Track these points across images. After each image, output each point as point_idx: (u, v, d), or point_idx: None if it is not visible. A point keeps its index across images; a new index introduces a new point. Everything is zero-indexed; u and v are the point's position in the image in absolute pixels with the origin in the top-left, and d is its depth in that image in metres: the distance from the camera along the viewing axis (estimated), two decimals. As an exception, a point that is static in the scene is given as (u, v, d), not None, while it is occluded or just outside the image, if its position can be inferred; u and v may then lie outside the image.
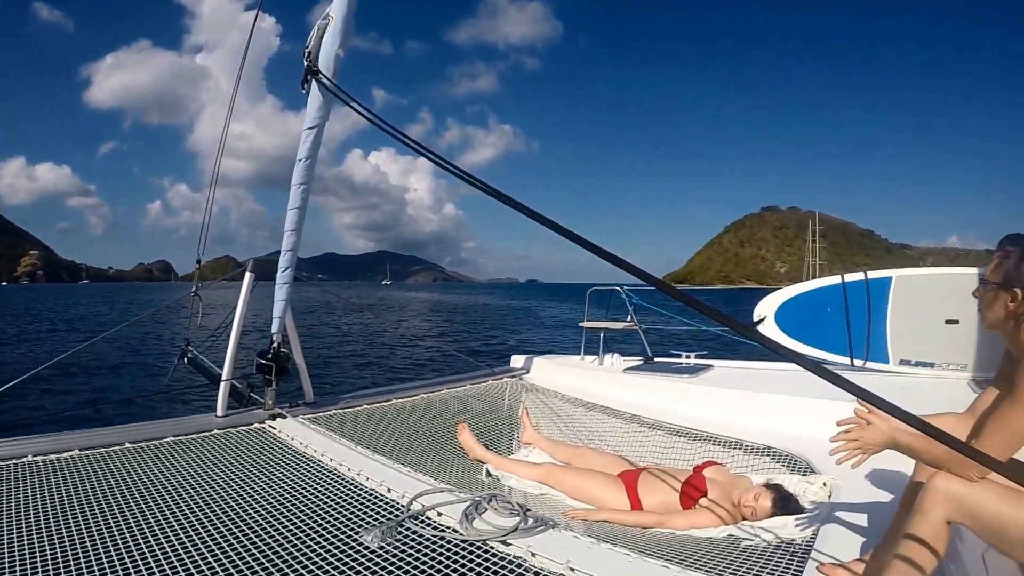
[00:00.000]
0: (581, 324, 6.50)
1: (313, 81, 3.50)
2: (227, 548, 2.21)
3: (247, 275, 3.97)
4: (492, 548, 2.22)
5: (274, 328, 4.00)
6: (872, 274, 5.82)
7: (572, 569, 2.05)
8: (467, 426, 4.25)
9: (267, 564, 2.10)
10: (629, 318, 6.44)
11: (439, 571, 2.03)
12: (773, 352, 1.44)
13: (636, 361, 6.19)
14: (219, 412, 3.82)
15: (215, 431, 3.60)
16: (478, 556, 2.14)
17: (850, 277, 5.88)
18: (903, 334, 5.51)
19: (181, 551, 2.18)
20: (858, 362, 5.67)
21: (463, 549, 2.19)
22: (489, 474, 3.83)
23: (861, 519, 2.61)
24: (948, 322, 4.87)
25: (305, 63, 3.48)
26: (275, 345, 3.99)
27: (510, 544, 2.24)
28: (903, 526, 1.81)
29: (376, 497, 2.71)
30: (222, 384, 3.83)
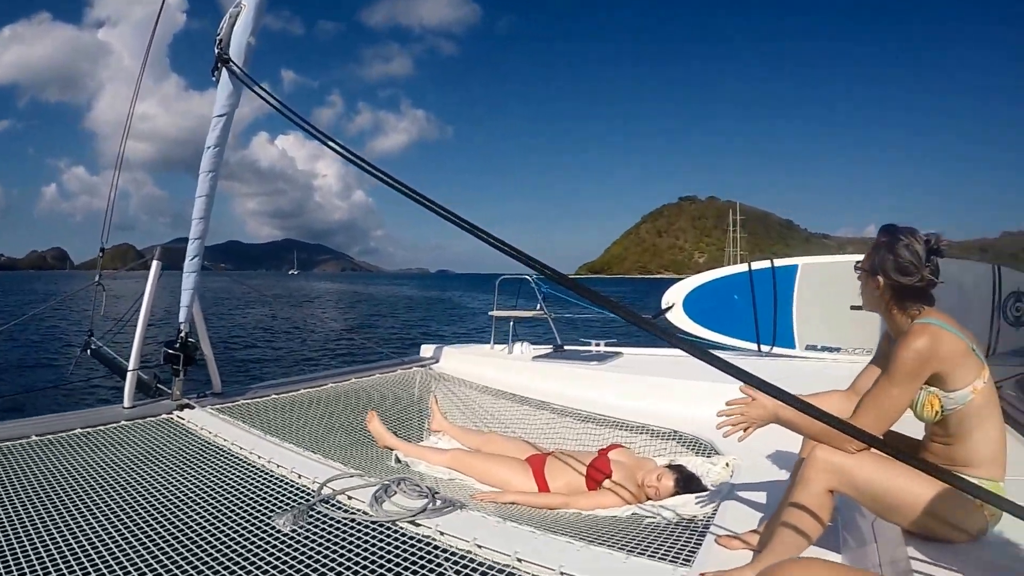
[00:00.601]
0: (491, 313, 6.52)
1: (223, 69, 3.47)
2: (142, 536, 2.22)
3: (154, 263, 3.89)
4: (401, 528, 2.30)
5: (182, 317, 3.94)
6: (779, 262, 6.08)
7: (479, 546, 2.15)
8: (376, 414, 4.27)
9: (182, 550, 2.12)
10: (539, 307, 6.50)
11: (350, 551, 2.10)
12: (661, 339, 1.55)
13: (546, 349, 6.28)
14: (126, 403, 3.74)
15: (123, 422, 3.55)
16: (388, 536, 2.22)
17: (757, 265, 6.11)
18: (809, 320, 5.79)
19: (97, 541, 2.18)
20: (765, 348, 5.93)
21: (373, 530, 2.27)
22: (398, 460, 3.87)
23: (760, 495, 2.79)
24: (853, 308, 4.97)
25: (216, 50, 3.44)
26: (183, 334, 3.93)
27: (419, 524, 2.32)
28: (789, 497, 1.97)
29: (287, 483, 2.75)
30: (129, 375, 3.76)
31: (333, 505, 2.50)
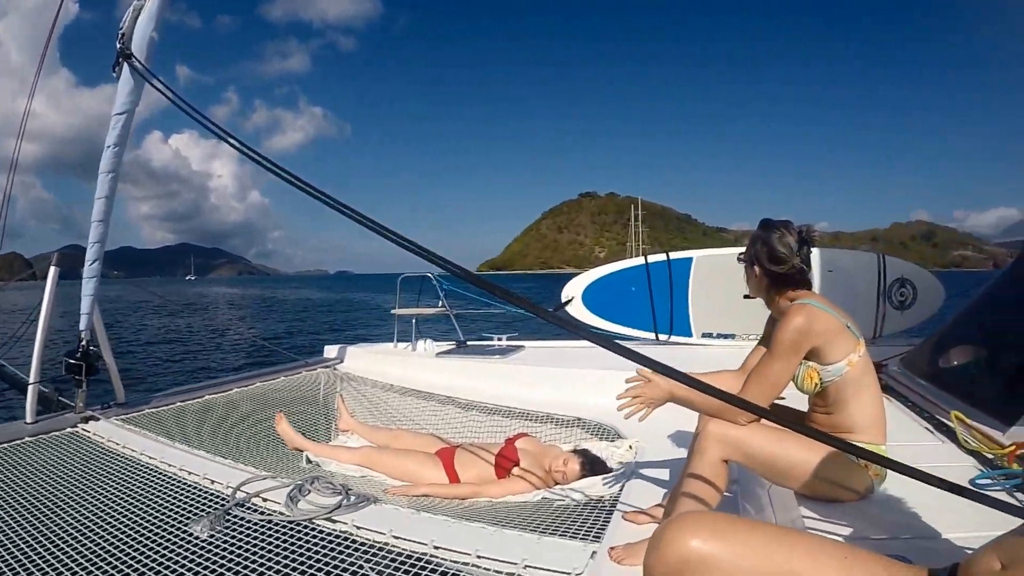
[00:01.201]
0: (393, 312, 6.55)
1: (125, 64, 3.38)
2: (59, 554, 2.19)
3: (52, 269, 3.74)
4: (318, 526, 2.36)
5: (82, 325, 3.81)
6: (674, 255, 6.40)
7: (396, 537, 2.23)
8: (284, 416, 4.27)
9: (102, 564, 2.11)
10: (440, 304, 6.57)
11: (269, 551, 2.15)
12: (565, 330, 1.66)
13: (449, 345, 6.38)
14: (28, 419, 3.61)
15: (26, 439, 3.43)
16: (305, 534, 2.29)
17: (653, 258, 6.39)
18: (704, 309, 6.10)
19: (11, 559, 2.14)
20: (663, 337, 6.21)
21: (290, 529, 2.33)
22: (309, 461, 3.89)
23: (663, 473, 2.98)
24: (746, 297, 5.29)
25: (118, 46, 3.34)
26: (84, 344, 3.81)
27: (335, 521, 2.39)
28: (687, 469, 2.15)
29: (200, 489, 2.76)
30: (30, 388, 3.61)
31: (248, 508, 2.53)
